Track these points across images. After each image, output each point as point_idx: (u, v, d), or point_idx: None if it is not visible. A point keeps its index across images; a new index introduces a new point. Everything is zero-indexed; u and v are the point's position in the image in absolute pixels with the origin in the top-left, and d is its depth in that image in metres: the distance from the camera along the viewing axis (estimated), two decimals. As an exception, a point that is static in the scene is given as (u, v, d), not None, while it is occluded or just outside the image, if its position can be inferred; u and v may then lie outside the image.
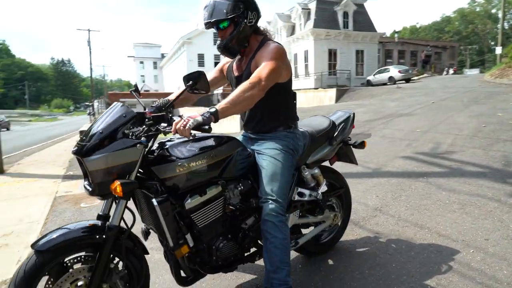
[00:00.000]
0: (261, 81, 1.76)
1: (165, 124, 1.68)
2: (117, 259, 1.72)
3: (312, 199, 2.22)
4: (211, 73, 2.26)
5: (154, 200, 1.67)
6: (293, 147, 2.02)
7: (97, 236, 1.61)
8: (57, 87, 78.52)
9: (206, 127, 1.61)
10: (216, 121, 1.66)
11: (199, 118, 1.60)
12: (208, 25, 1.89)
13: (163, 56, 51.65)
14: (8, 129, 27.16)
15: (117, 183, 1.54)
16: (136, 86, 1.98)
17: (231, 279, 2.30)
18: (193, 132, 1.63)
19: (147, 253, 1.80)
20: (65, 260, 1.63)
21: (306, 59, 25.43)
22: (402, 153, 5.22)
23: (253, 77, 1.78)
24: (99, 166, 1.56)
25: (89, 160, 1.55)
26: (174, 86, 34.56)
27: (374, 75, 22.24)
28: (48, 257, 1.55)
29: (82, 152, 1.56)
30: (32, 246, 1.55)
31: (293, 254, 2.50)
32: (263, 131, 2.03)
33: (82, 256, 1.66)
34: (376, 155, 5.31)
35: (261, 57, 1.86)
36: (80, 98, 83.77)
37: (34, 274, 1.52)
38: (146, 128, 1.69)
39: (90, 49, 33.10)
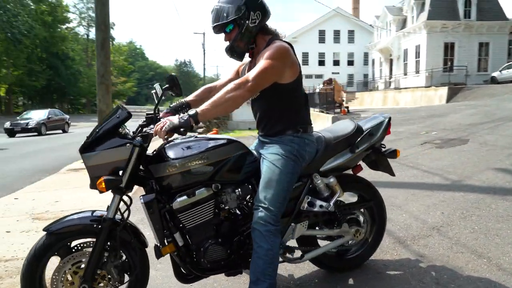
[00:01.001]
0: (247, 82, 1.69)
1: (152, 126, 1.75)
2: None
3: (323, 211, 2.04)
4: (228, 75, 2.27)
5: (141, 198, 1.76)
6: (298, 153, 1.89)
7: (95, 226, 1.78)
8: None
9: (182, 129, 1.63)
10: (196, 123, 1.67)
11: (175, 121, 1.63)
12: (216, 30, 1.90)
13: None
14: (65, 131, 19.78)
15: (102, 179, 1.67)
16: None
17: (243, 282, 2.28)
18: (177, 135, 1.69)
19: (146, 246, 1.91)
20: (75, 244, 1.85)
21: (417, 55, 23.24)
22: (497, 165, 4.39)
23: (241, 78, 1.73)
24: (92, 162, 1.72)
25: (84, 156, 1.72)
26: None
27: (500, 70, 19.12)
28: (55, 239, 1.77)
29: (81, 149, 1.74)
30: (44, 228, 1.79)
31: (313, 267, 2.35)
32: (270, 134, 1.96)
33: (89, 242, 1.85)
34: (464, 165, 4.59)
35: (260, 56, 1.79)
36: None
37: (43, 253, 1.75)
38: (140, 129, 1.80)
39: (204, 51, 36.18)
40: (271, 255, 1.74)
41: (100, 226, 1.77)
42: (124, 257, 1.86)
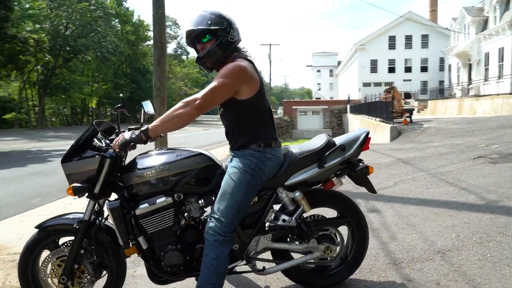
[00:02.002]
0: (196, 100, 1.80)
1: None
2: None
3: (286, 225, 2.05)
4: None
5: (107, 203, 1.97)
6: (256, 167, 1.94)
7: (74, 226, 2.03)
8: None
9: (132, 144, 1.79)
10: (147, 138, 1.82)
11: (127, 136, 1.81)
12: (191, 38, 1.96)
13: (339, 63, 52.28)
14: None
15: (70, 186, 1.91)
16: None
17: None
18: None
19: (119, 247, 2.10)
20: (64, 241, 2.12)
21: (500, 59, 20.97)
22: (549, 185, 3.84)
23: (191, 96, 1.85)
24: (68, 171, 1.97)
25: (63, 166, 1.98)
26: (347, 94, 34.46)
27: None
28: (43, 235, 2.06)
29: (62, 159, 2.00)
30: (36, 226, 2.08)
31: (289, 282, 2.34)
32: (234, 148, 2.04)
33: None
34: (511, 184, 4.09)
35: (216, 75, 1.89)
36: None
37: (34, 246, 2.05)
38: (108, 142, 2.02)
39: (270, 61, 36.93)
40: (216, 264, 1.81)
41: (77, 227, 2.01)
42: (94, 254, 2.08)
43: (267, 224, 2.09)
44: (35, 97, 36.02)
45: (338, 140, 2.18)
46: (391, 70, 34.24)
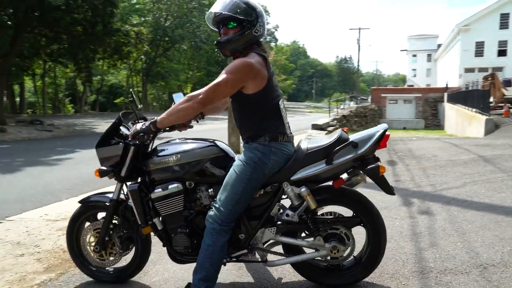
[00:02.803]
0: (199, 94, 1.88)
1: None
2: None
3: (288, 219, 2.05)
4: None
5: (127, 186, 2.20)
6: (259, 161, 1.97)
7: (106, 204, 2.32)
8: (338, 83, 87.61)
9: (141, 134, 1.96)
10: (156, 129, 1.97)
11: (138, 127, 1.98)
12: (217, 19, 1.94)
13: (439, 47, 47.24)
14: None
15: (97, 169, 2.17)
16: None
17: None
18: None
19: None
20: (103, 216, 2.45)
21: None
22: None
23: (197, 91, 1.93)
24: (99, 155, 2.26)
25: (96, 151, 2.27)
26: (445, 81, 31.15)
27: None
28: (84, 209, 2.41)
29: (96, 144, 2.29)
30: (79, 201, 2.43)
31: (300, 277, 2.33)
32: (244, 141, 2.09)
33: None
34: None
35: (224, 69, 1.95)
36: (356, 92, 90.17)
37: (76, 218, 2.41)
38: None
39: (359, 46, 35.24)
40: (211, 251, 1.91)
41: (108, 204, 2.30)
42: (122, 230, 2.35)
43: (272, 217, 2.11)
44: (139, 83, 40.30)
45: (354, 136, 2.08)
46: (502, 53, 29.72)
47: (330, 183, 2.12)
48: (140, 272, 2.46)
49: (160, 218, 2.19)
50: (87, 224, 2.44)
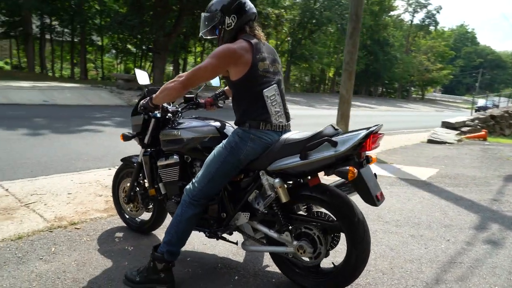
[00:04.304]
0: (181, 77, 2.03)
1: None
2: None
3: (256, 208, 2.04)
4: None
5: (141, 151, 2.53)
6: (236, 145, 2.02)
7: (134, 163, 2.73)
8: (515, 76, 72.50)
9: (141, 108, 2.24)
10: (154, 105, 2.20)
11: (141, 102, 2.25)
12: (205, 36, 2.22)
13: None
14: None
15: (122, 133, 2.56)
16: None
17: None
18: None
19: None
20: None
21: None
22: None
23: (185, 72, 2.07)
24: (131, 122, 2.65)
25: (131, 118, 2.67)
26: None
27: None
28: (123, 166, 2.89)
29: (131, 112, 2.68)
30: (121, 159, 2.92)
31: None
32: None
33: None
34: None
35: None
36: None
37: (117, 173, 2.93)
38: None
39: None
40: (178, 220, 2.07)
41: (135, 165, 2.71)
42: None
43: (249, 203, 2.14)
44: (284, 64, 41.96)
45: (341, 135, 1.90)
46: None
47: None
48: (159, 228, 2.84)
49: (162, 184, 2.48)
50: (126, 179, 2.92)
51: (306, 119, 14.53)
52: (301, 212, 2.13)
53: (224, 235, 2.29)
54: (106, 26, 22.51)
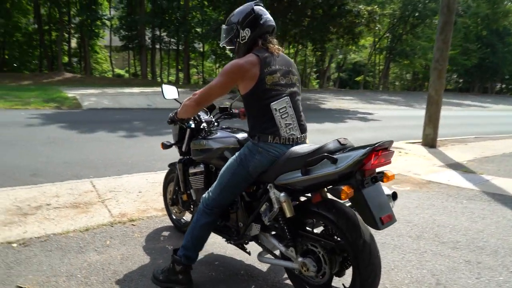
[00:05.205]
0: (195, 95, 2.16)
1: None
2: None
3: (262, 220, 2.05)
4: None
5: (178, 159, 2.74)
6: (245, 158, 2.07)
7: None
8: None
9: (169, 120, 2.43)
10: (178, 118, 2.37)
11: (171, 114, 2.44)
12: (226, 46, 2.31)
13: None
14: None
15: (162, 142, 2.80)
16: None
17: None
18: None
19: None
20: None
21: None
22: None
23: (199, 90, 2.18)
24: (172, 131, 2.89)
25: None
26: None
27: None
28: (169, 171, 3.15)
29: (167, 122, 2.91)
30: (168, 164, 3.20)
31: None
32: None
33: None
34: None
35: None
36: None
37: (165, 178, 3.22)
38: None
39: None
40: (193, 227, 2.20)
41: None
42: None
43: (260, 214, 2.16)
44: (382, 62, 39.67)
45: (348, 151, 1.80)
46: None
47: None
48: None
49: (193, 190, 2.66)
50: (172, 182, 3.19)
51: (395, 120, 13.59)
52: (309, 229, 2.07)
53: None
54: (205, 33, 24.34)
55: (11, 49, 27.79)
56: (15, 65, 28.25)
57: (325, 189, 1.88)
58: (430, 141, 8.08)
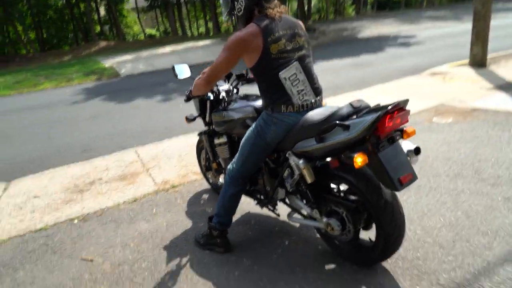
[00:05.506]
0: (204, 74, 2.15)
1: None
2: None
3: (285, 186, 2.11)
4: None
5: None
6: (261, 128, 2.09)
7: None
8: None
9: (185, 98, 2.46)
10: (193, 96, 2.40)
11: (186, 92, 2.47)
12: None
13: None
14: None
15: (186, 116, 2.87)
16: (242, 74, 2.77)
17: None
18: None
19: None
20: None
21: None
22: None
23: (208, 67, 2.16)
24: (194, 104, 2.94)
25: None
26: None
27: None
28: (200, 139, 3.25)
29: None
30: (198, 134, 3.29)
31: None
32: None
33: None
34: None
35: None
36: None
37: (197, 145, 3.33)
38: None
39: None
40: (222, 196, 2.33)
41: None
42: None
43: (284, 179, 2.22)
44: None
45: (362, 115, 1.75)
46: None
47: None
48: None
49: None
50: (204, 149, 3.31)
51: (440, 40, 12.48)
52: (333, 191, 2.10)
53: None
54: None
55: (47, 27, 28.72)
56: (54, 41, 29.34)
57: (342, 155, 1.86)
58: (479, 61, 7.43)
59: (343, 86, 7.27)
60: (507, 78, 6.21)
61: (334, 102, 6.09)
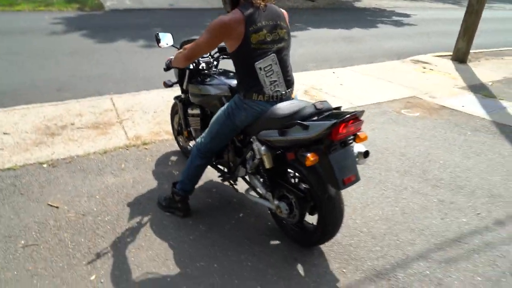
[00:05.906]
0: (186, 49, 2.22)
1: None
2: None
3: (248, 166, 2.31)
4: None
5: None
6: (231, 111, 2.23)
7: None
8: None
9: (165, 67, 2.53)
10: (173, 66, 2.47)
11: (167, 61, 2.53)
12: None
13: None
14: None
15: (164, 81, 2.95)
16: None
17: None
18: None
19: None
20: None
21: None
22: None
23: (191, 43, 2.23)
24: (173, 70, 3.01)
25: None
26: None
27: None
28: (174, 103, 3.35)
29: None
30: (174, 97, 3.38)
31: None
32: None
33: None
34: None
35: None
36: None
37: (172, 108, 3.42)
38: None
39: None
40: (188, 166, 2.49)
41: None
42: None
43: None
44: None
45: (321, 117, 1.93)
46: None
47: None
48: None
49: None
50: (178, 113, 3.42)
51: (433, 25, 12.51)
52: (287, 178, 2.31)
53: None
54: None
55: None
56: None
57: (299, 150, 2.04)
58: (461, 56, 7.62)
59: (329, 60, 7.34)
60: (482, 78, 6.47)
61: (317, 76, 6.18)
